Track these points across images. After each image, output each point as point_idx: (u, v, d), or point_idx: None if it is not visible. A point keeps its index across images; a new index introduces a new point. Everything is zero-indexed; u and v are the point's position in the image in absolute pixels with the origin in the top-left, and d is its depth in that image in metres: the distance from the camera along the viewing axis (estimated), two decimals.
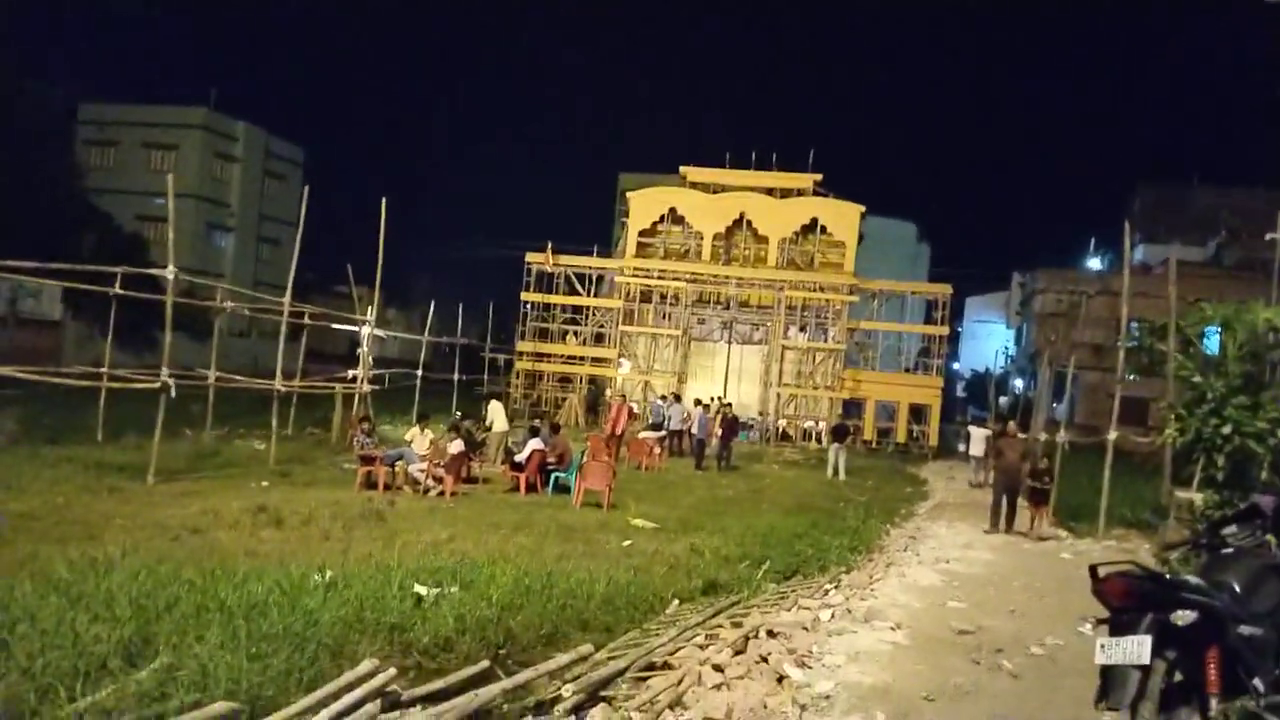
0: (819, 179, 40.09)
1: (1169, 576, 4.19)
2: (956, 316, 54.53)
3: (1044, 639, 7.51)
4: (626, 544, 10.90)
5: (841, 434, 24.86)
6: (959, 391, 62.13)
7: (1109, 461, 15.64)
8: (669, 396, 29.77)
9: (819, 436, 35.89)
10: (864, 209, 39.28)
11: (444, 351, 42.36)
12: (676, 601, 8.27)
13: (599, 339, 40.77)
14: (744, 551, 10.82)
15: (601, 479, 15.00)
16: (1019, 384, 50.44)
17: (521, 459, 16.27)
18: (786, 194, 39.93)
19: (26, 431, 16.75)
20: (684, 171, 41.38)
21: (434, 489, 15.02)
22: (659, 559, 9.90)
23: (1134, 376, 16.94)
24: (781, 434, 36.97)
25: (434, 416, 20.77)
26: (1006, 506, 15.43)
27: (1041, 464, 15.86)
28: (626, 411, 24.88)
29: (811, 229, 39.38)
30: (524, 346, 40.19)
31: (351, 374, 21.66)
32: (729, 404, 28.02)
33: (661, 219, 40.18)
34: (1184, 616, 3.85)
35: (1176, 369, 12.38)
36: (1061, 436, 20.08)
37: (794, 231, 39.33)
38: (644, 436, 24.29)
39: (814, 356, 38.71)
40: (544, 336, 40.64)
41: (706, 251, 39.64)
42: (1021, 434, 18.09)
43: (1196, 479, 13.09)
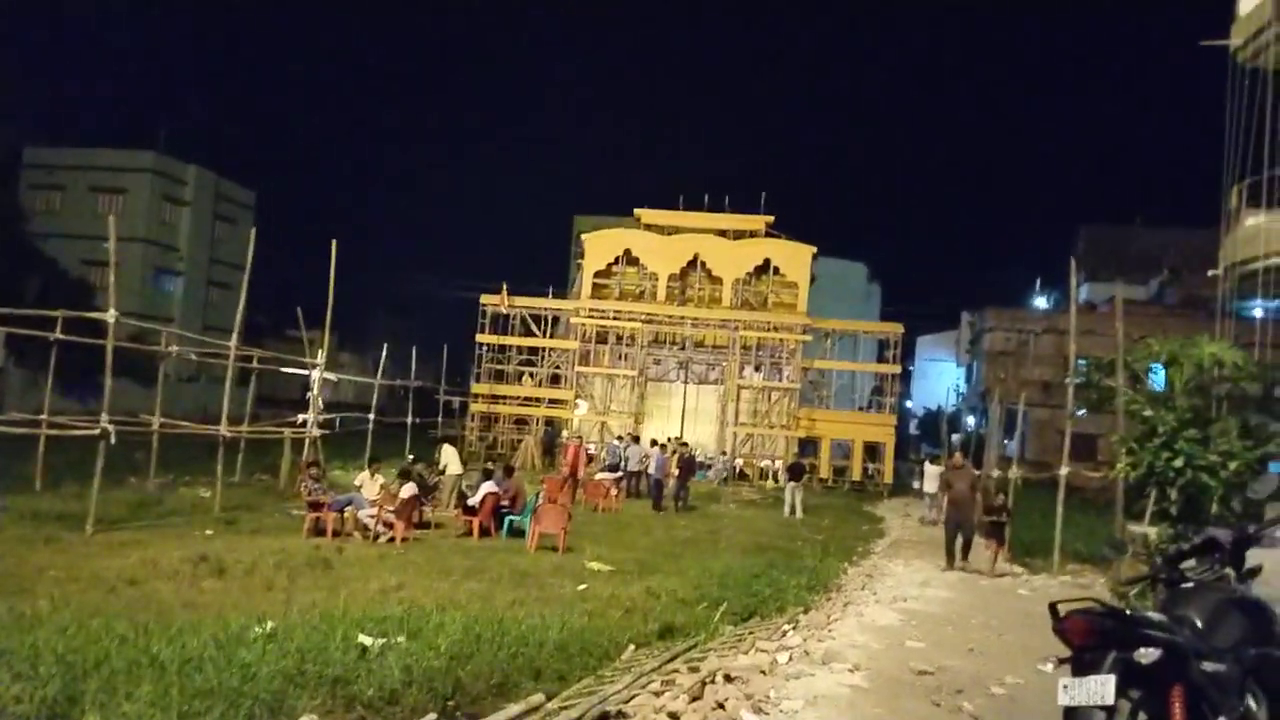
0: (771, 221, 40.51)
1: (1130, 613, 4.10)
2: (908, 355, 55.18)
3: (1004, 678, 7.42)
4: (582, 588, 10.70)
5: (797, 473, 24.86)
6: (912, 429, 62.67)
7: (1061, 497, 15.77)
8: (625, 437, 29.58)
9: (775, 475, 35.90)
10: (815, 250, 39.74)
11: (399, 394, 41.88)
12: (632, 646, 8.09)
13: (555, 380, 40.62)
14: (701, 593, 10.68)
15: (556, 522, 14.78)
16: (971, 421, 50.95)
17: (475, 502, 16.00)
18: (740, 235, 40.28)
19: None
20: (638, 214, 41.59)
21: (384, 535, 14.68)
22: (615, 603, 9.72)
23: (1083, 412, 17.12)
24: (739, 473, 36.92)
25: (387, 460, 20.41)
26: (962, 539, 15.43)
27: (997, 500, 15.92)
28: (583, 453, 24.70)
29: (765, 270, 39.71)
30: (479, 389, 39.91)
31: (301, 418, 21.23)
32: (685, 444, 27.92)
33: (616, 260, 40.31)
34: (1147, 654, 3.77)
35: (1127, 403, 12.50)
36: (1014, 473, 20.27)
37: (747, 272, 39.62)
38: (600, 478, 24.09)
39: (769, 395, 38.83)
40: (500, 378, 40.40)
41: (661, 292, 39.76)
42: (974, 469, 18.19)
43: (1148, 513, 13.19)
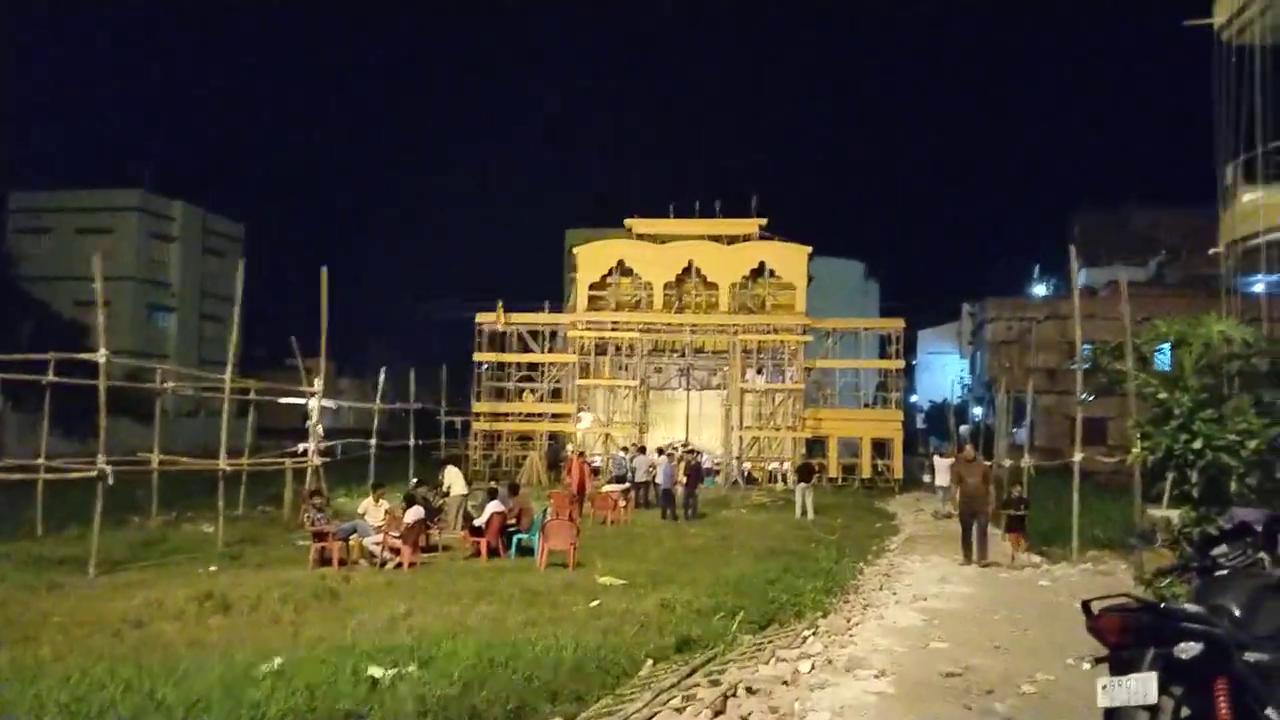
0: (764, 223, 40.34)
1: (1166, 606, 3.91)
2: (910, 350, 54.85)
3: (1034, 675, 7.22)
4: (594, 604, 10.49)
5: (807, 473, 24.64)
6: (919, 423, 62.40)
7: (1076, 484, 15.56)
8: (631, 448, 29.39)
9: (784, 477, 35.68)
10: (811, 250, 39.61)
11: (400, 417, 41.72)
12: (650, 662, 7.89)
13: (556, 395, 40.44)
14: (717, 603, 10.46)
15: (565, 538, 14.56)
16: (978, 412, 50.68)
17: (480, 523, 15.78)
18: (733, 240, 40.14)
19: None
20: (629, 224, 41.47)
21: (391, 561, 14.48)
22: (629, 618, 9.50)
23: (1092, 397, 16.92)
24: (748, 477, 36.71)
25: (391, 484, 20.19)
26: (977, 533, 15.20)
27: (1015, 491, 15.70)
28: (585, 467, 24.51)
29: (760, 273, 39.60)
30: (480, 407, 39.73)
31: (302, 447, 21.02)
32: (693, 450, 27.71)
33: (610, 272, 40.20)
34: (1188, 649, 3.58)
35: (1140, 386, 12.29)
36: (1025, 461, 20.07)
37: (743, 276, 39.48)
38: (608, 490, 23.88)
39: (773, 398, 38.64)
40: (500, 396, 40.23)
41: (658, 301, 39.61)
42: (984, 460, 17.98)
43: (1166, 496, 12.97)
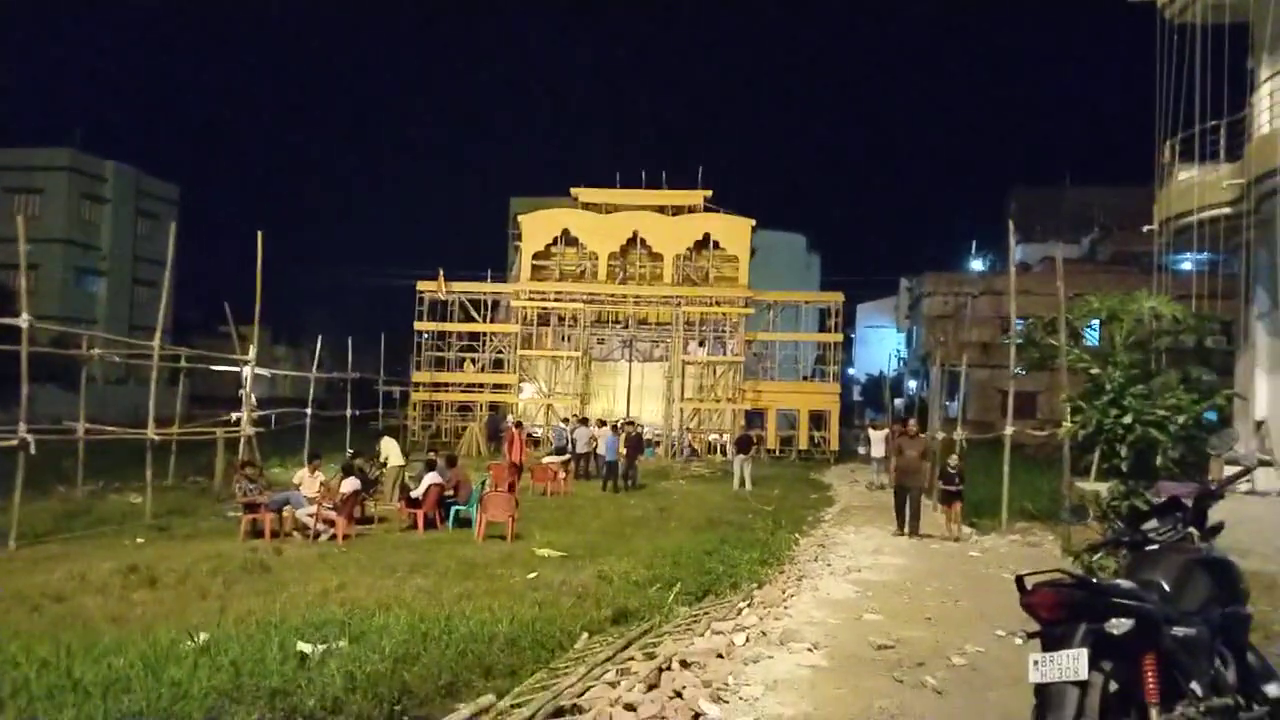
0: (709, 195, 40.40)
1: (1098, 582, 3.96)
2: (849, 323, 55.33)
3: (964, 647, 7.33)
4: (531, 576, 10.44)
5: (745, 445, 24.81)
6: (856, 396, 63.22)
7: (1007, 456, 15.85)
8: (572, 419, 29.30)
9: (723, 449, 35.93)
10: (754, 223, 39.71)
11: (338, 387, 41.07)
12: (585, 635, 7.86)
13: (498, 365, 40.15)
14: (654, 574, 10.48)
15: (503, 510, 14.48)
16: (913, 385, 51.45)
17: (418, 494, 15.62)
18: (678, 211, 40.08)
19: None
20: (575, 193, 41.16)
21: (325, 533, 14.26)
22: (566, 590, 9.47)
23: (1024, 371, 17.21)
24: (689, 449, 36.89)
25: (327, 455, 19.88)
26: (910, 505, 15.43)
27: (952, 464, 15.93)
28: (522, 438, 24.39)
29: (705, 244, 39.61)
30: (420, 377, 39.30)
31: (234, 417, 20.58)
32: (632, 422, 27.72)
33: (555, 241, 39.89)
34: (1119, 625, 3.62)
35: (1073, 361, 12.48)
36: (958, 434, 20.37)
37: (687, 248, 39.48)
38: (548, 461, 23.79)
39: (714, 370, 38.82)
40: (441, 366, 39.79)
41: (602, 271, 39.44)
42: (922, 433, 18.22)
43: (1094, 470, 13.22)
